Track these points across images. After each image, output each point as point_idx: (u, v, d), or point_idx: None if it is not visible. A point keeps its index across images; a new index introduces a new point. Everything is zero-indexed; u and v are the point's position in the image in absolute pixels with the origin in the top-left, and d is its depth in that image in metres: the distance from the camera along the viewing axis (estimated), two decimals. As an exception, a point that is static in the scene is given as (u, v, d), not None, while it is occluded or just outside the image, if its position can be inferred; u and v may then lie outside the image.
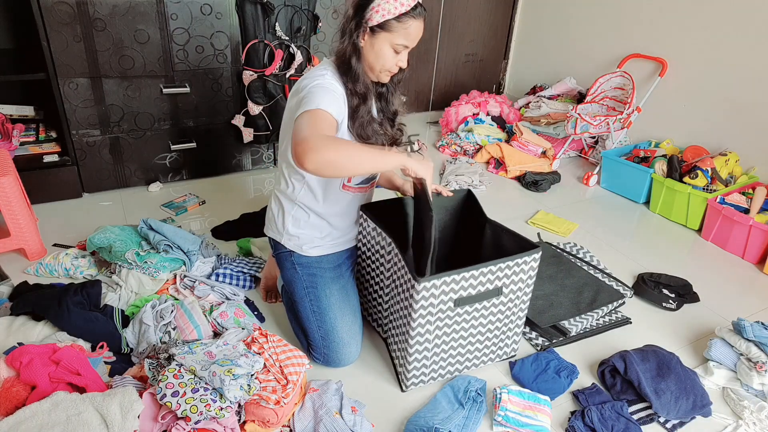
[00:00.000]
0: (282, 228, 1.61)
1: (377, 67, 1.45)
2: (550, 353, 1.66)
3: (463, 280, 1.37)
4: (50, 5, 2.07)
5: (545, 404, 1.48)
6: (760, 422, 1.49)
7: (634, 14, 3.07)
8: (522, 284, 1.49)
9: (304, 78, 1.45)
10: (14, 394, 1.23)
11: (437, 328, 1.43)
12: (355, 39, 1.41)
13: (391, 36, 1.40)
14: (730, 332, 1.69)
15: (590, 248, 2.29)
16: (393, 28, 1.39)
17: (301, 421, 1.38)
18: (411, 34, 1.41)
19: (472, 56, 3.90)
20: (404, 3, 1.37)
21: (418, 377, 1.52)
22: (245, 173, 2.82)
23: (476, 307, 1.44)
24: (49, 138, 2.50)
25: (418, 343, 1.43)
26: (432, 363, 1.51)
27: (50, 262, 1.90)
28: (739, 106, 2.63)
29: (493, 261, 1.39)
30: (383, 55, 1.42)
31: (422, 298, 1.34)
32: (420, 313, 1.37)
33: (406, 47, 1.43)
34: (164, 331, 1.57)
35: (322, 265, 1.61)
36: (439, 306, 1.38)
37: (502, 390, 1.50)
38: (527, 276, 1.48)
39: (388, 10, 1.37)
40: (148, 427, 1.22)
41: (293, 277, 1.61)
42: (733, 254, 2.35)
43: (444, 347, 1.49)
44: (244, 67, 2.51)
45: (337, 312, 1.56)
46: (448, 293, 1.37)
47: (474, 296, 1.41)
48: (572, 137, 3.11)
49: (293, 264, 1.61)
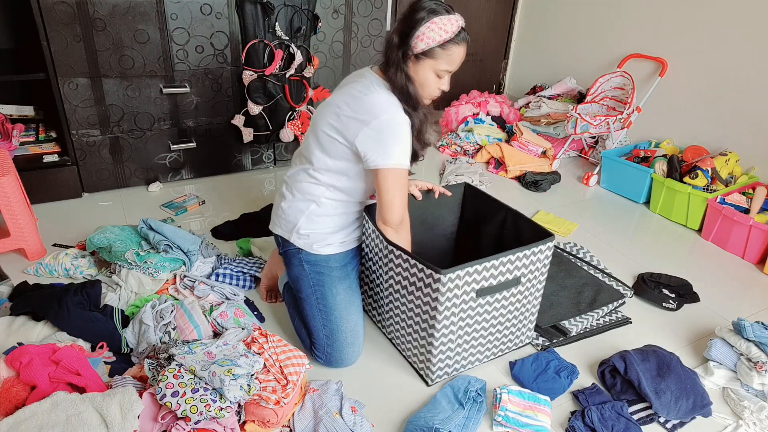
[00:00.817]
0: (293, 225, 1.61)
1: (421, 92, 1.48)
2: (550, 353, 1.67)
3: (485, 270, 1.40)
4: (50, 5, 2.07)
5: (545, 404, 1.48)
6: (760, 422, 1.49)
7: (634, 14, 3.07)
8: (537, 273, 1.53)
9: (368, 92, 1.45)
10: (14, 394, 1.23)
11: (461, 319, 1.45)
12: (404, 68, 1.43)
13: (435, 63, 1.43)
14: (730, 332, 1.69)
15: (590, 248, 2.29)
16: (437, 55, 1.41)
17: (301, 421, 1.38)
18: (455, 60, 1.44)
19: (472, 56, 3.90)
20: (448, 30, 1.39)
21: (443, 369, 1.55)
22: (245, 173, 2.82)
23: (497, 297, 1.48)
24: (49, 138, 2.50)
25: (443, 336, 1.46)
26: (455, 354, 1.53)
27: (50, 262, 1.90)
28: (739, 106, 2.63)
29: (512, 250, 1.43)
30: (427, 82, 1.46)
31: (447, 290, 1.37)
32: (446, 305, 1.39)
33: (448, 72, 1.46)
34: (164, 331, 1.57)
35: (330, 264, 1.61)
36: (462, 297, 1.41)
37: (502, 390, 1.50)
38: (542, 264, 1.53)
39: (433, 38, 1.39)
40: (148, 427, 1.22)
41: (300, 274, 1.61)
42: (733, 254, 2.35)
43: (467, 338, 1.52)
44: (244, 67, 2.51)
45: (343, 311, 1.56)
46: (471, 284, 1.40)
47: (495, 286, 1.45)
48: (572, 137, 3.11)
49: (301, 261, 1.61)
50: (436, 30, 1.39)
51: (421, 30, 1.39)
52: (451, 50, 1.42)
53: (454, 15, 1.42)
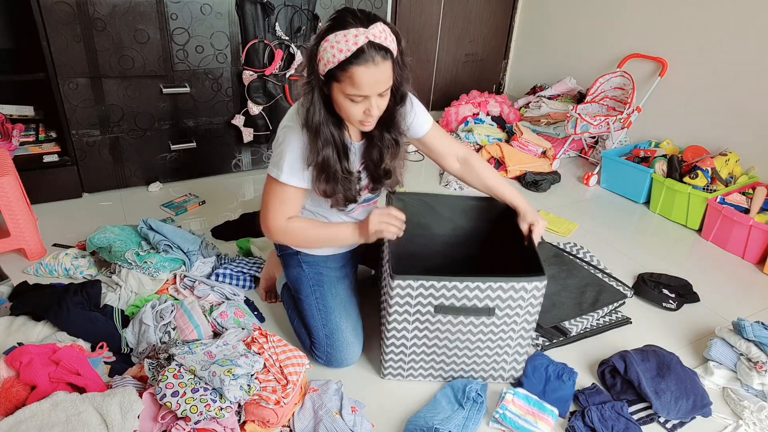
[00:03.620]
0: None
1: (343, 117, 1.33)
2: (542, 357, 1.63)
3: (444, 288, 1.34)
4: (50, 5, 2.07)
5: (550, 414, 1.45)
6: (760, 422, 1.49)
7: (634, 14, 3.07)
8: (521, 310, 1.39)
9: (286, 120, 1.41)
10: (14, 394, 1.23)
11: (416, 328, 1.43)
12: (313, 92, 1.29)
13: (341, 86, 1.24)
14: (730, 332, 1.69)
15: (590, 248, 2.29)
16: (339, 78, 1.22)
17: (301, 421, 1.38)
18: (357, 83, 1.21)
19: (472, 56, 3.90)
20: (342, 49, 1.18)
21: (396, 369, 1.54)
22: (245, 173, 2.82)
23: (461, 320, 1.41)
24: (49, 138, 2.50)
25: (394, 338, 1.45)
26: (411, 361, 1.51)
27: (50, 262, 1.90)
28: (739, 106, 2.63)
29: (483, 278, 1.33)
30: (344, 107, 1.28)
31: (397, 295, 1.36)
32: (396, 309, 1.38)
33: (362, 96, 1.24)
34: (164, 331, 1.57)
35: (329, 264, 1.61)
36: (417, 308, 1.38)
37: (509, 390, 1.50)
38: (527, 303, 1.38)
39: (328, 59, 1.20)
40: (147, 427, 1.22)
41: (299, 275, 1.61)
42: (733, 254, 2.35)
43: (425, 349, 1.48)
44: (244, 67, 2.51)
45: (342, 312, 1.56)
46: (427, 297, 1.36)
47: (458, 308, 1.38)
48: (572, 137, 3.11)
49: (299, 262, 1.61)
50: (329, 49, 1.19)
51: (320, 50, 1.22)
52: (351, 72, 1.19)
53: (357, 29, 1.18)
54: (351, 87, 1.23)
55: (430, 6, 3.53)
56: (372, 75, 1.21)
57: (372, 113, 1.29)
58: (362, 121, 1.31)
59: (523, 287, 1.35)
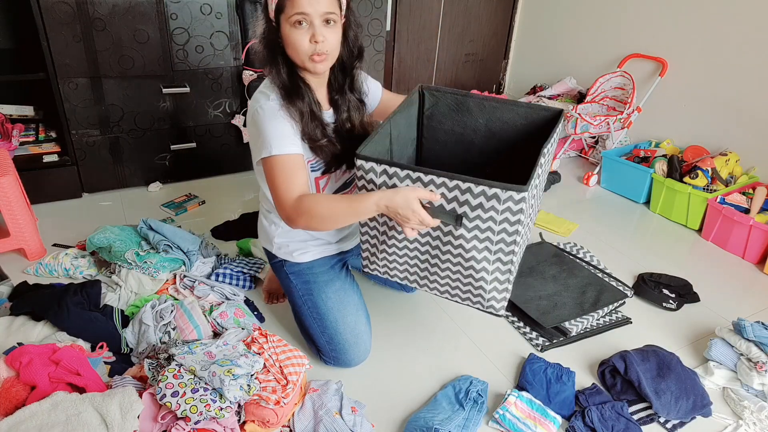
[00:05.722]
0: (271, 236, 1.60)
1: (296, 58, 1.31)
2: (539, 360, 1.61)
3: (408, 179, 1.21)
4: (50, 5, 2.07)
5: (552, 421, 1.44)
6: (761, 422, 1.49)
7: (634, 14, 3.07)
8: (493, 224, 1.19)
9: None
10: (14, 394, 1.23)
11: (384, 223, 1.34)
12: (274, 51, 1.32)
13: (286, 15, 1.25)
14: (730, 332, 1.69)
15: (590, 248, 2.29)
16: (283, 6, 1.25)
17: (301, 422, 1.38)
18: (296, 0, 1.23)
19: (472, 56, 3.90)
20: None
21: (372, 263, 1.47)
22: (245, 173, 2.82)
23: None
24: (49, 138, 2.50)
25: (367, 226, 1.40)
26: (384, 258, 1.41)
27: (50, 262, 1.90)
28: (739, 106, 2.63)
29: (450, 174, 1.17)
30: (291, 39, 1.28)
31: (362, 178, 1.26)
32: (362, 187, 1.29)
33: (302, 15, 1.24)
34: (164, 331, 1.57)
35: (314, 270, 1.59)
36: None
37: (513, 392, 1.50)
38: (501, 217, 1.18)
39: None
40: (147, 427, 1.22)
41: (289, 286, 1.61)
42: (733, 254, 2.35)
43: (396, 251, 1.37)
44: (244, 67, 2.51)
45: (337, 315, 1.55)
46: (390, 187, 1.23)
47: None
48: (572, 137, 3.11)
49: (287, 274, 1.61)
50: None
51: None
52: None
53: None
54: (291, 7, 1.24)
55: (430, 6, 3.53)
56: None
57: (318, 40, 1.26)
58: (312, 56, 1.28)
59: (496, 194, 1.15)
